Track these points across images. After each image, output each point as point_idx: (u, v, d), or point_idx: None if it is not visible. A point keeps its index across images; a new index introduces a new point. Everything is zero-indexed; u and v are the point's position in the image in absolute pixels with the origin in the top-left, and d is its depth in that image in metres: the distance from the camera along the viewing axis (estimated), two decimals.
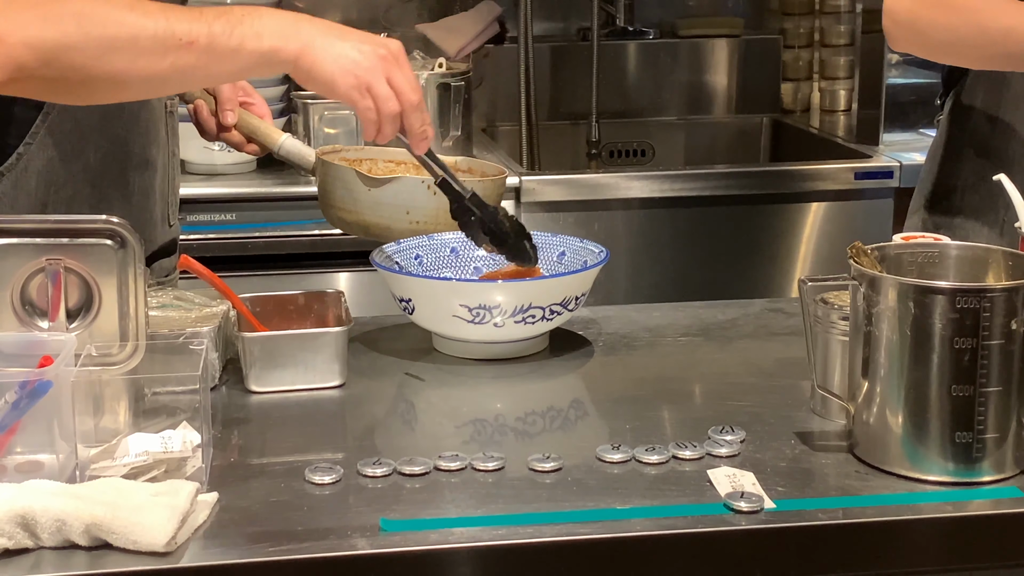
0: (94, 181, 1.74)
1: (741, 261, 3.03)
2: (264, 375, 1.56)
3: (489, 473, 1.34)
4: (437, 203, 1.74)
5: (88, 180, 1.73)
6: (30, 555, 1.17)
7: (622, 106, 3.68)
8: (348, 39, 1.48)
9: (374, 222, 1.80)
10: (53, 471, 1.27)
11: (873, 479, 1.32)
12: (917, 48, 1.90)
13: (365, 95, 1.49)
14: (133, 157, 1.78)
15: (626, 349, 1.73)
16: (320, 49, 1.46)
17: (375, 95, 1.49)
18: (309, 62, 1.46)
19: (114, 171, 1.76)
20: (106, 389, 1.34)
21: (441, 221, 1.76)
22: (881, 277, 1.31)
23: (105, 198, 1.75)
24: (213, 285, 1.59)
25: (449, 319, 1.63)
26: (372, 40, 1.51)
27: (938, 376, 1.28)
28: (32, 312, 1.39)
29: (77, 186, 1.72)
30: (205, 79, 1.55)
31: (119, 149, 1.76)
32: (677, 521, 1.24)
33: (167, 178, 1.88)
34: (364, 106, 1.49)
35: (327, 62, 1.46)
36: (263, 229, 2.80)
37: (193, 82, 1.57)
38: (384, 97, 1.49)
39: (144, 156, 1.80)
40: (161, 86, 1.55)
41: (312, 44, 1.46)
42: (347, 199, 1.81)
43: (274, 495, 1.29)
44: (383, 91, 1.49)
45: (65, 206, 1.70)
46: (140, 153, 1.79)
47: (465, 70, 3.06)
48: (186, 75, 1.46)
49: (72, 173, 1.71)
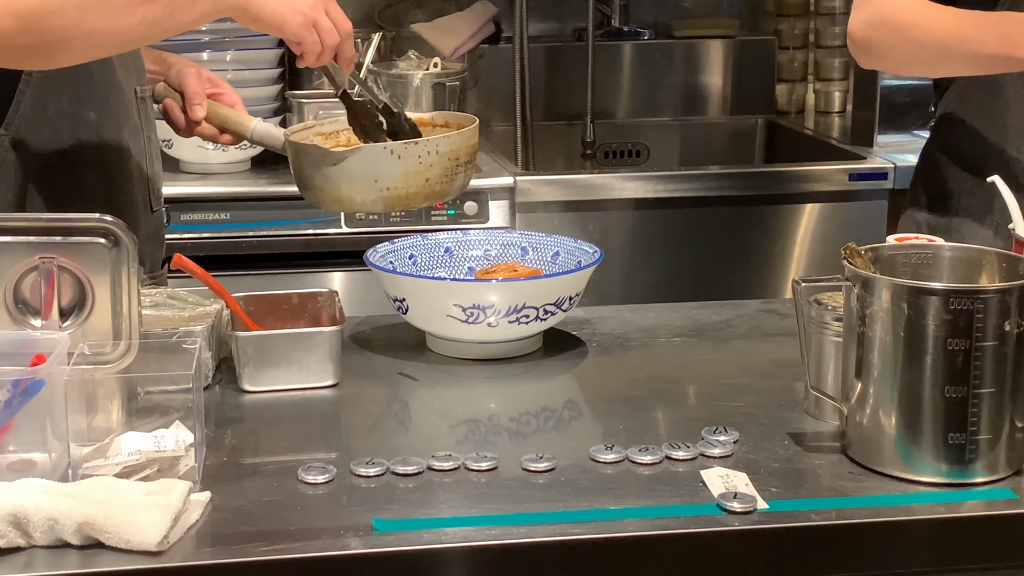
0: (72, 168, 1.74)
1: (735, 262, 3.04)
2: (257, 374, 1.56)
3: (482, 473, 1.34)
4: (404, 167, 1.71)
5: (66, 168, 1.74)
6: (22, 554, 1.17)
7: (617, 107, 3.68)
8: None
9: (347, 195, 1.75)
10: (46, 470, 1.27)
11: (866, 480, 1.32)
12: (879, 67, 2.04)
13: (311, 31, 1.67)
14: (107, 141, 1.79)
15: (620, 349, 1.73)
16: None
17: (320, 29, 1.67)
18: (258, 6, 1.63)
19: (90, 157, 1.77)
20: (99, 388, 1.34)
21: (412, 186, 1.72)
22: (875, 278, 1.31)
23: (83, 185, 1.75)
24: (207, 284, 1.59)
25: (443, 319, 1.63)
26: None
27: (931, 377, 1.28)
28: (25, 310, 1.39)
29: (55, 175, 1.73)
30: (168, 30, 1.65)
31: (92, 133, 1.77)
32: (670, 521, 1.24)
33: (145, 163, 1.88)
34: (311, 40, 1.67)
35: (275, 3, 1.64)
36: (257, 228, 2.80)
37: (159, 33, 1.67)
38: (327, 30, 1.68)
39: (117, 141, 1.81)
40: (131, 41, 1.66)
41: None
42: (316, 176, 1.76)
43: (267, 495, 1.29)
44: (326, 25, 1.68)
45: (46, 194, 1.71)
46: (113, 137, 1.80)
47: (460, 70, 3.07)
48: (153, 27, 1.59)
49: (48, 162, 1.72)
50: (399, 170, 1.71)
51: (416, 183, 1.71)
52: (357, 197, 1.74)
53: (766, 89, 3.73)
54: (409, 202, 1.74)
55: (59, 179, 1.73)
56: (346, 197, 1.75)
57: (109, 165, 1.80)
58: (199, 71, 1.93)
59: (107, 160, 1.80)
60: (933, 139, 2.04)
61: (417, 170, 1.70)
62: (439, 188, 1.74)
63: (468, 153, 1.77)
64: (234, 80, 3.02)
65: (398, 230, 2.74)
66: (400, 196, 1.73)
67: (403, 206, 1.74)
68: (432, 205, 2.37)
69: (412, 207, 1.76)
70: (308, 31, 1.66)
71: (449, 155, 1.73)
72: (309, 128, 1.90)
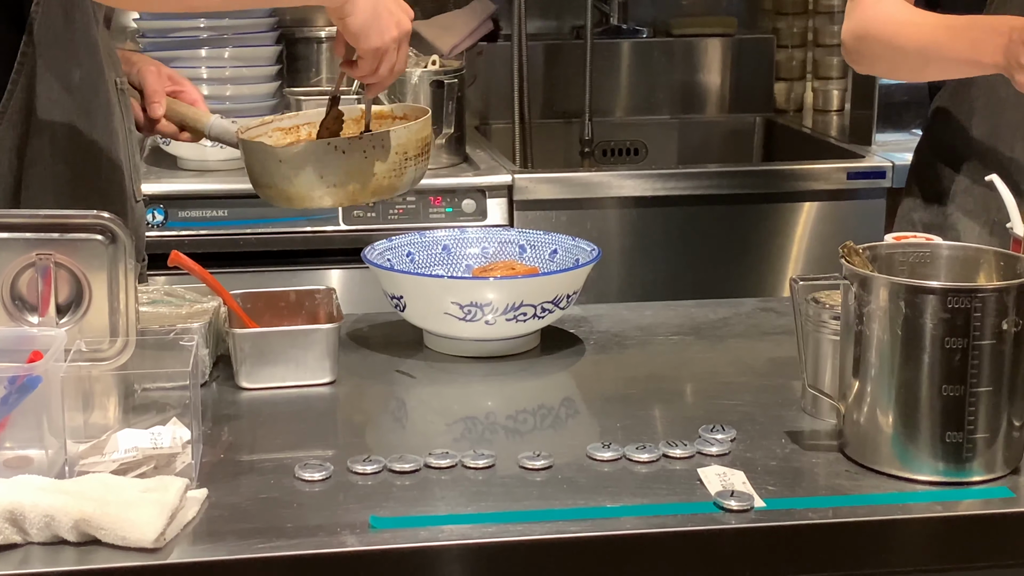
0: (66, 157, 1.74)
1: (733, 260, 3.03)
2: (255, 372, 1.56)
3: (479, 471, 1.34)
4: (348, 162, 1.65)
5: (60, 156, 1.73)
6: (19, 551, 1.17)
7: (615, 105, 3.68)
8: None
9: (295, 192, 1.69)
10: (42, 467, 1.27)
11: (863, 479, 1.32)
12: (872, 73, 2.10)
13: (377, 59, 1.64)
14: (97, 130, 1.79)
15: (617, 348, 1.73)
16: None
17: (383, 62, 1.65)
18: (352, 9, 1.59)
19: (82, 145, 1.76)
20: (96, 385, 1.34)
21: (357, 181, 1.67)
22: (872, 277, 1.31)
23: (79, 174, 1.75)
24: (204, 281, 1.59)
25: (440, 316, 1.63)
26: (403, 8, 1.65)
27: (929, 376, 1.28)
28: (22, 307, 1.39)
29: (48, 163, 1.72)
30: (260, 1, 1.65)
31: (83, 122, 1.76)
32: (667, 519, 1.24)
33: (128, 153, 1.89)
34: (370, 66, 1.64)
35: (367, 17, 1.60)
36: (255, 226, 2.80)
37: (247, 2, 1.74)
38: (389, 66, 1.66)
39: (107, 128, 1.80)
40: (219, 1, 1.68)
41: None
42: (264, 173, 1.71)
43: (264, 492, 1.29)
44: (391, 61, 1.65)
45: (40, 184, 1.71)
46: (104, 126, 1.80)
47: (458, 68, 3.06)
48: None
49: (41, 150, 1.72)
50: (343, 165, 1.66)
51: (361, 178, 1.66)
52: (305, 193, 1.68)
53: (764, 87, 3.72)
54: (356, 197, 1.70)
55: (53, 168, 1.73)
56: (295, 194, 1.69)
57: (100, 155, 1.80)
58: (159, 69, 1.94)
59: (99, 150, 1.79)
60: (926, 137, 2.04)
61: (362, 165, 1.66)
62: (387, 183, 1.69)
63: (418, 147, 1.71)
64: (232, 77, 3.05)
65: (396, 228, 2.74)
66: (348, 191, 1.68)
67: (351, 201, 1.70)
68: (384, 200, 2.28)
69: (361, 202, 1.73)
70: (375, 59, 1.64)
71: (396, 149, 1.67)
72: (267, 123, 1.85)
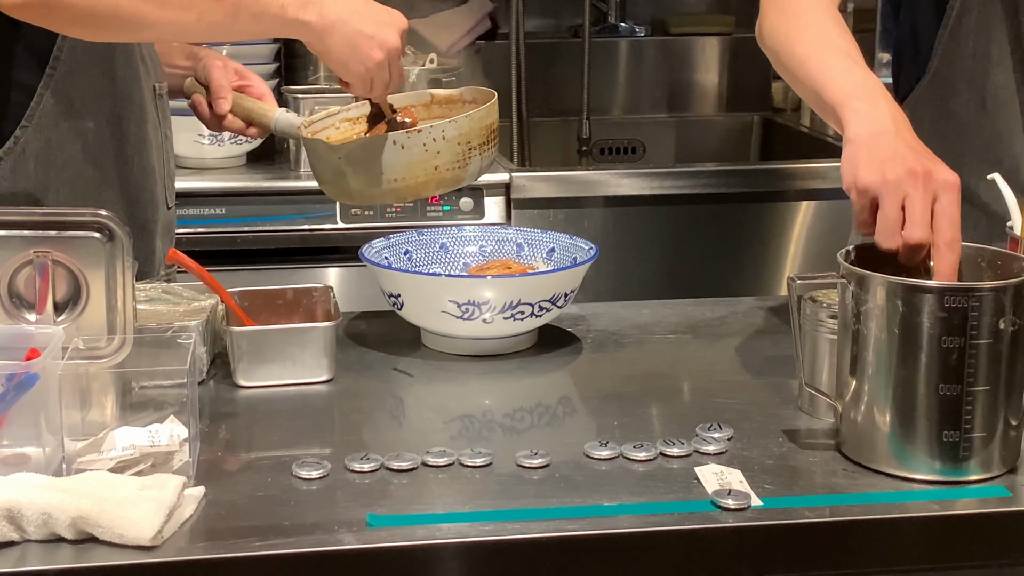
0: (94, 161, 1.74)
1: (731, 259, 3.04)
2: (252, 370, 1.55)
3: (477, 469, 1.34)
4: (409, 157, 1.64)
5: (88, 160, 1.73)
6: (16, 548, 1.17)
7: (613, 103, 3.68)
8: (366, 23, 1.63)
9: (356, 188, 1.68)
10: (40, 464, 1.27)
11: (860, 477, 1.32)
12: None
13: (368, 82, 1.67)
14: (129, 136, 1.78)
15: (615, 346, 1.73)
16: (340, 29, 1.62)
17: (375, 83, 1.68)
18: (329, 42, 1.62)
19: (112, 150, 1.76)
20: (93, 382, 1.34)
21: (420, 175, 1.65)
22: (870, 275, 1.31)
23: (107, 179, 1.75)
24: (202, 279, 1.59)
25: (438, 315, 1.63)
26: (386, 24, 1.64)
27: (926, 375, 1.29)
28: (19, 305, 1.39)
29: (77, 167, 1.72)
30: (227, 35, 1.67)
31: (114, 127, 1.76)
32: (664, 518, 1.24)
33: (163, 160, 1.88)
34: (363, 89, 1.68)
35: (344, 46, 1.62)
36: (252, 223, 2.79)
37: (216, 35, 1.69)
38: (382, 84, 1.68)
39: (140, 135, 1.80)
40: (183, 33, 1.67)
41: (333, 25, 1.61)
42: (325, 170, 1.71)
43: (261, 490, 1.29)
44: (383, 80, 1.67)
45: (68, 187, 1.71)
46: (136, 132, 1.79)
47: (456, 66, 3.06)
48: (211, 28, 1.60)
49: (71, 155, 1.72)
50: (404, 160, 1.64)
51: (424, 172, 1.64)
52: (366, 190, 1.67)
53: (762, 86, 3.72)
54: (420, 191, 1.67)
55: (81, 172, 1.73)
56: (355, 191, 1.68)
57: (131, 160, 1.79)
58: (226, 63, 1.91)
59: (129, 155, 1.79)
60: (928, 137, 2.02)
61: (423, 159, 1.64)
62: (451, 175, 1.67)
63: (482, 135, 1.68)
64: None
65: (393, 226, 2.74)
66: (410, 186, 1.66)
67: (415, 196, 1.67)
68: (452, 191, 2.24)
69: (425, 196, 1.71)
70: (365, 83, 1.67)
71: (458, 139, 1.65)
72: (333, 115, 1.83)
